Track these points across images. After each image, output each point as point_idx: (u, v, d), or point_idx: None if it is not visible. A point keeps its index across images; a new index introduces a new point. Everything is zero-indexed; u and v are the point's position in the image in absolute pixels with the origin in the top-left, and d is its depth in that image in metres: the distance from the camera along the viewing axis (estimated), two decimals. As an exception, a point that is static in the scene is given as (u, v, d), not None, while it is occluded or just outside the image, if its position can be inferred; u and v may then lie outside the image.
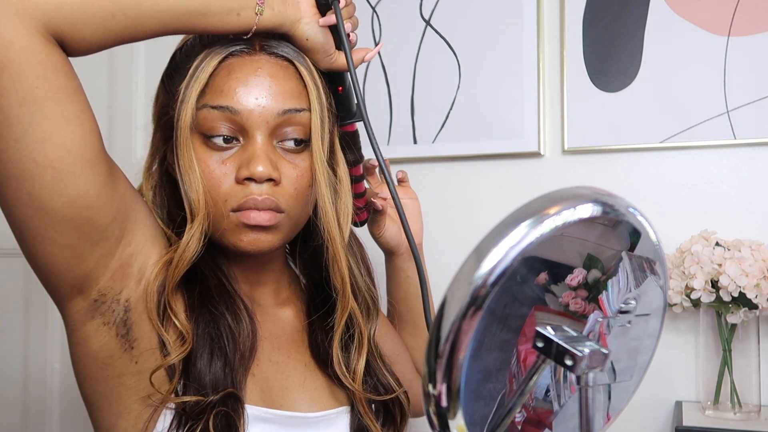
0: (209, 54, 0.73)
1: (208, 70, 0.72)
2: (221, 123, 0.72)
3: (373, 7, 1.55)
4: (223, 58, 0.73)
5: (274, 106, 0.73)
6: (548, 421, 0.57)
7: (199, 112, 0.72)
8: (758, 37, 1.31)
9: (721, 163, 1.34)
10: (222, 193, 0.72)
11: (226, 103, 0.72)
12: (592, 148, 1.40)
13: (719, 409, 1.22)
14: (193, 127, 0.72)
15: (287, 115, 0.73)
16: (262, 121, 0.72)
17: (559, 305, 0.52)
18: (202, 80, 0.72)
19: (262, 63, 0.73)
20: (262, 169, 0.71)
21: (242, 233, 0.73)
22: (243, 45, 0.73)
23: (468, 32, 1.48)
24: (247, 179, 0.72)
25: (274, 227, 0.74)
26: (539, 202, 0.48)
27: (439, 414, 0.47)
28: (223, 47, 0.73)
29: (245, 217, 0.72)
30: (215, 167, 0.72)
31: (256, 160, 0.71)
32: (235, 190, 0.72)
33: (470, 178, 1.49)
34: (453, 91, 1.49)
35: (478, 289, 0.45)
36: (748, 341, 1.22)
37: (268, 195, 0.72)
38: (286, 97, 0.73)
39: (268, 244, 0.75)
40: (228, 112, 0.72)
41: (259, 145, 0.72)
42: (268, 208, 0.72)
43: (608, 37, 1.39)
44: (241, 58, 0.73)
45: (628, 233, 0.53)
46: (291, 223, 0.76)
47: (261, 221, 0.72)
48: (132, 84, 1.61)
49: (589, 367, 0.47)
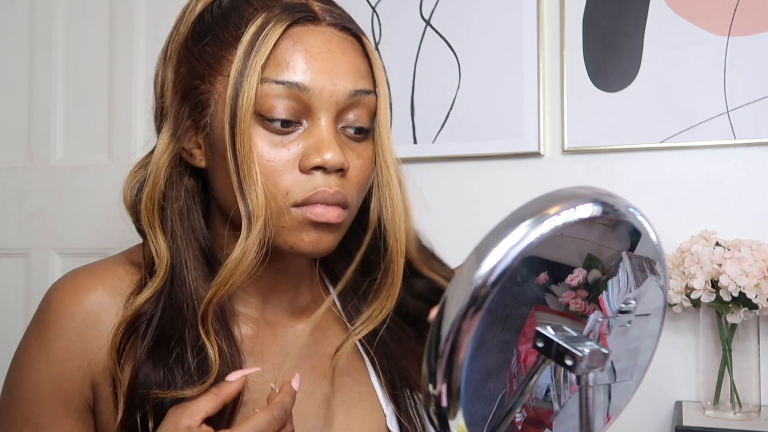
0: (270, 19, 0.61)
1: (272, 39, 0.60)
2: (284, 101, 0.61)
3: (373, 7, 1.55)
4: (287, 26, 0.61)
5: (345, 85, 0.62)
6: (548, 421, 0.57)
7: (260, 87, 0.60)
8: (758, 37, 1.31)
9: (721, 163, 1.34)
10: (283, 186, 0.61)
11: (295, 79, 0.61)
12: (592, 148, 1.40)
13: (719, 409, 1.22)
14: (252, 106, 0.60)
15: (356, 96, 0.63)
16: (332, 102, 0.62)
17: (559, 305, 0.52)
18: (266, 52, 0.60)
19: (331, 35, 0.63)
20: (333, 156, 0.61)
21: (305, 232, 0.63)
22: (307, 12, 0.62)
23: (468, 32, 1.48)
24: (317, 168, 0.61)
25: (339, 225, 0.64)
26: (539, 202, 0.48)
27: (439, 414, 0.47)
28: (286, 13, 0.61)
29: (312, 212, 0.62)
30: (274, 154, 0.61)
31: (327, 146, 0.61)
32: (300, 181, 0.62)
33: (470, 178, 1.49)
34: (453, 91, 1.49)
35: (478, 289, 0.45)
36: (748, 341, 1.22)
37: (339, 188, 0.62)
38: (357, 76, 0.64)
39: (329, 245, 0.64)
40: (296, 88, 0.61)
41: (328, 129, 0.62)
42: (336, 203, 0.62)
43: (608, 37, 1.39)
44: (306, 27, 0.62)
45: (629, 233, 0.53)
46: (350, 221, 0.66)
47: (330, 218, 0.62)
48: (132, 84, 1.62)
49: (589, 367, 0.47)
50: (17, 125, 1.73)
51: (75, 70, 1.71)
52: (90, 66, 1.70)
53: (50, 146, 1.71)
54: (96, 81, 1.68)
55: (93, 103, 1.69)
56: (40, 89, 1.72)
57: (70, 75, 1.71)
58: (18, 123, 1.73)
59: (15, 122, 1.73)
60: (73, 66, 1.71)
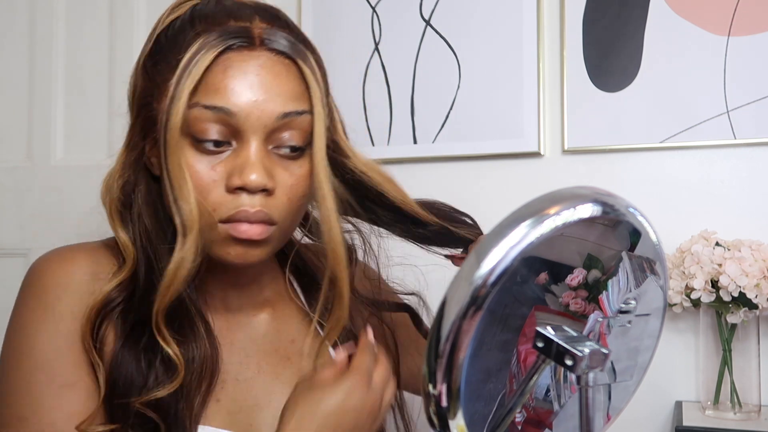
0: (204, 46, 0.64)
1: (202, 65, 0.64)
2: (214, 125, 0.65)
3: (373, 7, 1.55)
4: (219, 52, 0.65)
5: (274, 108, 0.66)
6: (548, 421, 0.57)
7: (190, 111, 0.64)
8: (758, 37, 1.31)
9: (721, 163, 1.34)
10: (211, 202, 0.66)
11: (222, 104, 0.65)
12: (592, 148, 1.40)
13: (719, 409, 1.22)
14: (183, 128, 0.65)
15: (287, 118, 0.67)
16: (260, 125, 0.66)
17: (559, 305, 0.52)
18: (196, 76, 0.64)
19: (262, 60, 0.66)
20: (256, 178, 0.65)
21: (230, 246, 0.67)
22: (242, 38, 0.66)
23: (468, 32, 1.48)
24: (239, 188, 0.66)
25: (265, 241, 0.68)
26: (539, 202, 0.48)
27: (439, 414, 0.47)
28: (220, 38, 0.65)
29: (235, 230, 0.66)
30: (204, 173, 0.66)
31: (250, 168, 0.65)
32: (226, 199, 0.66)
33: (470, 178, 1.49)
34: (453, 91, 1.49)
35: (479, 289, 0.45)
36: (748, 341, 1.22)
37: (261, 207, 0.66)
38: (287, 98, 0.67)
39: (256, 258, 0.69)
40: (222, 113, 0.65)
41: (253, 151, 0.66)
42: (260, 221, 0.67)
43: (608, 37, 1.39)
44: (239, 52, 0.66)
45: (628, 233, 0.53)
46: (281, 236, 0.71)
47: (252, 235, 0.66)
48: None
49: (589, 367, 0.47)
50: (17, 125, 1.73)
51: (75, 70, 1.71)
52: (90, 66, 1.70)
53: (50, 146, 1.71)
54: (96, 81, 1.68)
55: (93, 103, 1.69)
56: (40, 89, 1.72)
57: (70, 75, 1.71)
58: (18, 123, 1.73)
59: (15, 122, 1.73)
60: (73, 66, 1.71)
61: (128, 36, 1.66)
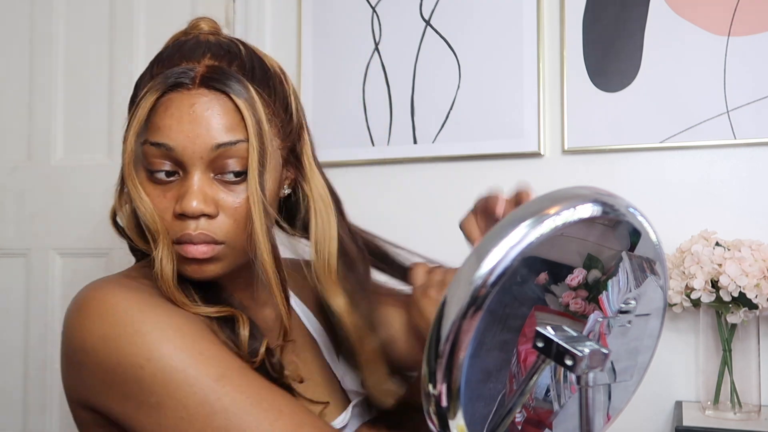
0: (150, 89, 0.74)
1: (146, 107, 0.74)
2: (160, 159, 0.74)
3: (373, 7, 1.55)
4: (162, 94, 0.74)
5: (208, 141, 0.73)
6: (548, 421, 0.57)
7: (143, 147, 0.74)
8: (758, 37, 1.31)
9: (721, 163, 1.34)
10: (166, 225, 0.75)
11: (162, 140, 0.73)
12: (592, 148, 1.40)
13: (719, 409, 1.22)
14: (137, 161, 0.75)
15: (222, 148, 0.73)
16: (197, 157, 0.73)
17: (559, 305, 0.52)
18: (141, 117, 0.74)
19: (198, 98, 0.74)
20: (195, 205, 0.72)
21: (185, 263, 0.75)
22: (183, 78, 0.74)
23: (468, 32, 1.48)
24: (182, 215, 0.73)
25: (214, 258, 0.75)
26: (539, 202, 0.48)
27: (439, 414, 0.47)
28: (163, 82, 0.74)
29: (183, 250, 0.74)
30: (158, 201, 0.75)
31: (189, 196, 0.73)
32: (175, 223, 0.74)
33: (470, 178, 1.49)
34: (453, 91, 1.49)
35: (479, 289, 0.45)
36: (748, 341, 1.23)
37: (203, 230, 0.74)
38: (220, 131, 0.73)
39: (212, 273, 0.76)
40: (164, 149, 0.73)
41: (194, 181, 0.73)
42: (203, 242, 0.74)
43: (608, 37, 1.39)
44: (179, 93, 0.74)
45: (628, 233, 0.53)
46: (234, 252, 0.77)
47: (197, 254, 0.74)
48: (132, 84, 1.61)
49: (589, 367, 0.47)
50: (17, 125, 1.73)
51: (75, 70, 1.71)
52: (90, 66, 1.70)
53: (50, 146, 1.71)
54: (96, 81, 1.69)
55: (93, 103, 1.69)
56: (40, 89, 1.72)
57: (70, 75, 1.71)
58: (18, 123, 1.73)
59: (15, 122, 1.73)
60: (73, 66, 1.71)
61: (128, 36, 1.66)
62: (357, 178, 1.55)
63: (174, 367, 0.68)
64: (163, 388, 0.67)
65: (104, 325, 0.69)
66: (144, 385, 0.68)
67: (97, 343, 0.69)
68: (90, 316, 0.70)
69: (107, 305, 0.70)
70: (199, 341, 0.71)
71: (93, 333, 0.70)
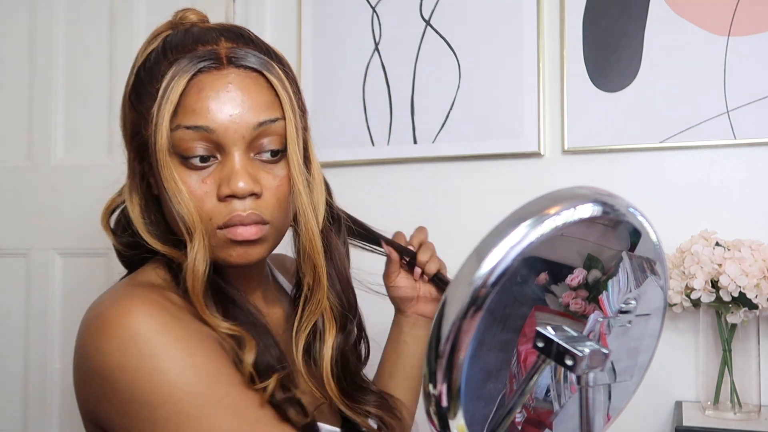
0: (177, 72, 0.71)
1: (178, 90, 0.71)
2: (197, 143, 0.72)
3: (373, 7, 1.55)
4: (192, 76, 0.72)
5: (249, 119, 0.72)
6: (548, 421, 0.57)
7: (174, 133, 0.71)
8: (758, 37, 1.31)
9: (721, 163, 1.34)
10: (206, 212, 0.73)
11: (201, 123, 0.71)
12: (592, 148, 1.40)
13: (719, 409, 1.22)
14: (170, 149, 0.72)
15: (262, 127, 0.73)
16: (238, 137, 0.72)
17: (560, 305, 0.52)
18: (173, 101, 0.71)
19: (231, 77, 0.73)
20: (243, 185, 0.71)
21: (231, 248, 0.74)
22: (210, 60, 0.73)
23: (468, 32, 1.48)
24: (229, 196, 0.72)
25: (262, 239, 0.74)
26: (539, 202, 0.48)
27: (439, 414, 0.47)
28: (191, 64, 0.72)
29: (232, 233, 0.73)
30: (196, 187, 0.73)
31: (236, 177, 0.72)
32: (219, 207, 0.73)
33: (470, 178, 1.49)
34: (453, 91, 1.49)
35: (479, 289, 0.45)
36: (748, 341, 1.23)
37: (252, 210, 0.73)
38: (259, 109, 0.73)
39: (257, 256, 0.75)
40: (203, 131, 0.71)
41: (237, 161, 0.72)
42: (253, 222, 0.73)
43: (608, 37, 1.39)
44: (209, 74, 0.72)
45: (629, 233, 0.53)
46: (276, 233, 0.77)
47: (248, 236, 0.73)
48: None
49: (589, 367, 0.47)
50: (17, 125, 1.73)
51: (75, 70, 1.71)
52: (90, 66, 1.70)
53: (50, 146, 1.71)
54: (96, 81, 1.69)
55: (93, 103, 1.69)
56: (40, 89, 1.72)
57: (70, 75, 1.71)
58: (18, 123, 1.73)
59: (15, 122, 1.73)
60: (73, 66, 1.71)
61: (128, 36, 1.66)
62: (357, 178, 1.55)
63: (188, 415, 0.66)
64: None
65: (124, 356, 0.66)
66: (157, 427, 0.66)
67: (114, 373, 0.66)
68: (110, 340, 0.67)
69: (129, 331, 0.67)
70: (218, 386, 0.68)
71: (111, 361, 0.67)
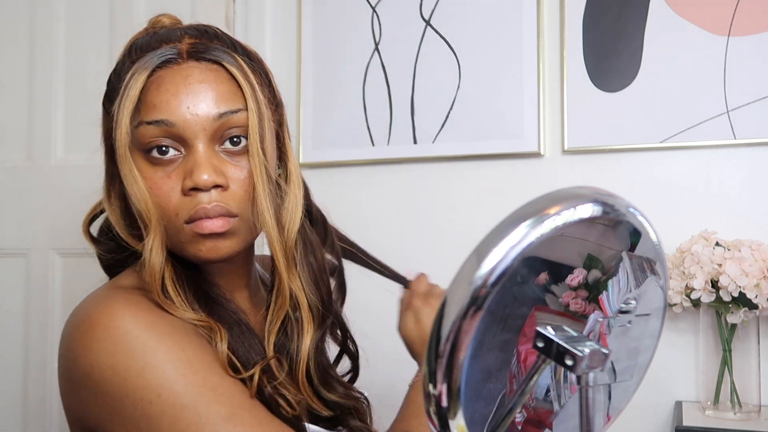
0: (137, 69, 0.72)
1: (137, 87, 0.71)
2: (159, 137, 0.71)
3: (373, 7, 1.55)
4: (151, 72, 0.72)
5: (209, 111, 0.72)
6: (548, 421, 0.57)
7: (137, 129, 0.71)
8: (758, 37, 1.31)
9: (721, 163, 1.34)
10: (173, 207, 0.72)
11: (161, 117, 0.71)
12: (592, 148, 1.40)
13: (719, 409, 1.22)
14: (133, 145, 0.72)
15: (224, 118, 0.72)
16: (200, 129, 0.71)
17: (560, 305, 0.52)
18: (133, 97, 0.71)
19: (190, 70, 0.73)
20: (206, 177, 0.70)
21: (200, 243, 0.72)
22: (170, 54, 0.73)
23: (468, 32, 1.48)
24: (193, 189, 0.71)
25: (230, 232, 0.73)
26: (539, 202, 0.48)
27: (439, 414, 0.47)
28: (150, 60, 0.72)
29: (198, 227, 0.71)
30: (161, 182, 0.72)
31: (198, 169, 0.71)
32: (184, 201, 0.72)
33: (470, 178, 1.49)
34: (453, 91, 1.49)
35: (479, 289, 0.45)
36: (748, 341, 1.23)
37: (217, 202, 0.72)
38: (219, 101, 0.72)
39: (227, 250, 0.74)
40: (164, 125, 0.71)
41: (200, 154, 0.71)
42: (219, 215, 0.72)
43: (608, 37, 1.39)
44: (169, 68, 0.73)
45: (629, 233, 0.53)
46: (247, 226, 0.75)
47: (214, 229, 0.71)
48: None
49: (589, 367, 0.47)
50: (17, 125, 1.73)
51: (75, 70, 1.71)
52: (90, 66, 1.70)
53: (50, 146, 1.71)
54: (96, 81, 1.68)
55: (93, 103, 1.68)
56: (40, 89, 1.72)
57: (70, 75, 1.71)
58: (18, 123, 1.73)
59: (15, 122, 1.73)
60: (73, 66, 1.71)
61: (128, 36, 1.65)
62: (357, 178, 1.55)
63: (184, 405, 0.66)
64: (172, 426, 0.66)
65: (114, 354, 0.66)
66: (152, 422, 0.66)
67: (105, 373, 0.66)
68: (98, 341, 0.67)
69: (117, 331, 0.67)
70: (210, 375, 0.68)
71: (101, 361, 0.67)
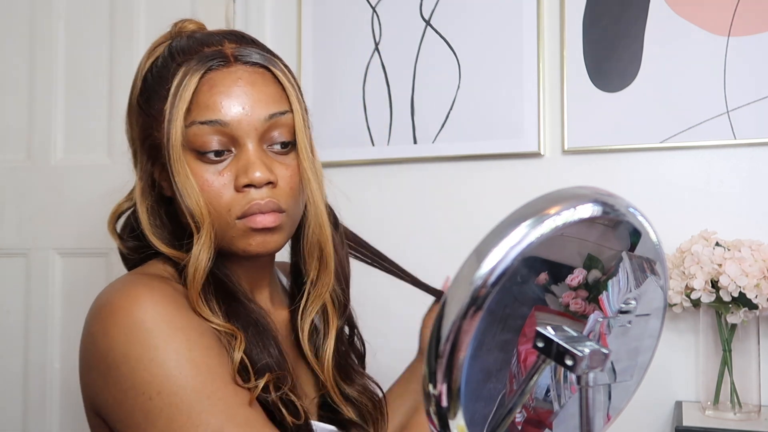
0: (188, 72, 0.75)
1: (190, 88, 0.74)
2: (212, 137, 0.75)
3: (373, 7, 1.55)
4: (202, 74, 0.76)
5: (260, 112, 0.76)
6: (548, 421, 0.57)
7: (189, 129, 0.74)
8: (758, 37, 1.31)
9: (721, 163, 1.34)
10: (224, 204, 0.75)
11: (215, 117, 0.74)
12: (592, 148, 1.40)
13: (719, 409, 1.22)
14: (184, 145, 0.75)
15: (273, 119, 0.76)
16: (251, 129, 0.75)
17: (560, 305, 0.52)
18: (187, 98, 0.74)
19: (240, 73, 0.76)
20: (260, 175, 0.75)
21: (251, 237, 0.76)
22: (218, 59, 0.76)
23: (468, 32, 1.48)
24: (247, 186, 0.75)
25: (279, 227, 0.77)
26: (539, 202, 0.48)
27: (439, 414, 0.47)
28: (201, 63, 0.76)
29: (252, 222, 0.75)
30: (213, 179, 0.75)
31: (252, 167, 0.75)
32: (237, 198, 0.75)
33: (470, 178, 1.49)
34: (453, 91, 1.49)
35: (479, 289, 0.45)
36: (748, 341, 1.23)
37: (270, 197, 0.76)
38: (268, 102, 0.77)
39: (275, 244, 0.78)
40: (218, 125, 0.74)
41: (252, 152, 0.76)
42: (271, 210, 0.76)
43: (608, 37, 1.39)
44: (219, 71, 0.76)
45: (629, 233, 0.53)
46: (291, 222, 0.80)
47: (267, 223, 0.76)
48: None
49: (589, 367, 0.47)
50: (17, 125, 1.73)
51: (75, 70, 1.71)
52: (90, 66, 1.70)
53: (50, 146, 1.71)
54: (96, 81, 1.69)
55: (93, 103, 1.69)
56: (40, 89, 1.72)
57: (70, 75, 1.71)
58: (18, 123, 1.73)
59: (15, 122, 1.73)
60: (73, 66, 1.71)
61: (128, 36, 1.66)
62: (357, 178, 1.55)
63: (180, 409, 0.67)
64: (167, 424, 0.67)
65: (129, 342, 0.68)
66: (149, 417, 0.67)
67: (118, 359, 0.69)
68: (116, 326, 0.69)
69: (134, 318, 0.69)
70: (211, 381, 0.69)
71: (117, 348, 0.69)
